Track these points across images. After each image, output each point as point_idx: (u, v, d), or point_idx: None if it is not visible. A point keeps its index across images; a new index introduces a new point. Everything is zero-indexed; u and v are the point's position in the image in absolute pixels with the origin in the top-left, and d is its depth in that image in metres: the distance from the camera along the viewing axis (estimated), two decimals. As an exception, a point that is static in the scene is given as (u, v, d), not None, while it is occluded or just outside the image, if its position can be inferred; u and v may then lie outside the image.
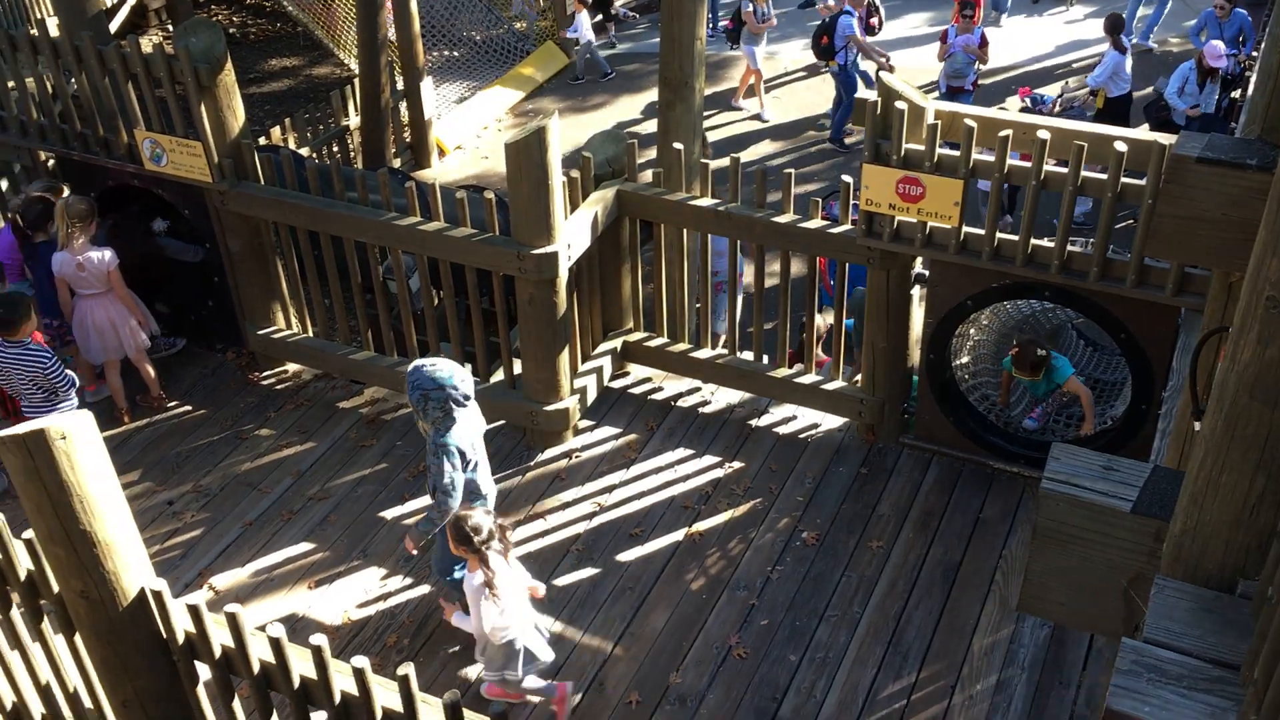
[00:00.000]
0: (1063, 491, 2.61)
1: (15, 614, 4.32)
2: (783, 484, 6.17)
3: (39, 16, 12.55)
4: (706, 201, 6.13)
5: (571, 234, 5.91)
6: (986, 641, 5.30)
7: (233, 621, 3.82)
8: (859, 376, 6.35)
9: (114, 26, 13.44)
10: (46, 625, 4.30)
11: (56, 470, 3.55)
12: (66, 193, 6.68)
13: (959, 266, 5.58)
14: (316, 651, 3.69)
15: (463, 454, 4.85)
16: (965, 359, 6.19)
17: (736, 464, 6.31)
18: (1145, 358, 5.47)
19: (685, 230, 6.32)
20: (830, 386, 6.35)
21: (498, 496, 6.11)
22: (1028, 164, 5.17)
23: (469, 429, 4.92)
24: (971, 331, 6.12)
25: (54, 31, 6.94)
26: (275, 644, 3.74)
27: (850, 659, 5.26)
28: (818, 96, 14.30)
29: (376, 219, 6.09)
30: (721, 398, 6.74)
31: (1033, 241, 5.38)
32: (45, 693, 4.59)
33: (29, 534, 3.86)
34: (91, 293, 6.49)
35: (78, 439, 3.58)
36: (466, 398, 4.83)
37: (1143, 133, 5.46)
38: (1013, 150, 5.14)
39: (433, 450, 4.83)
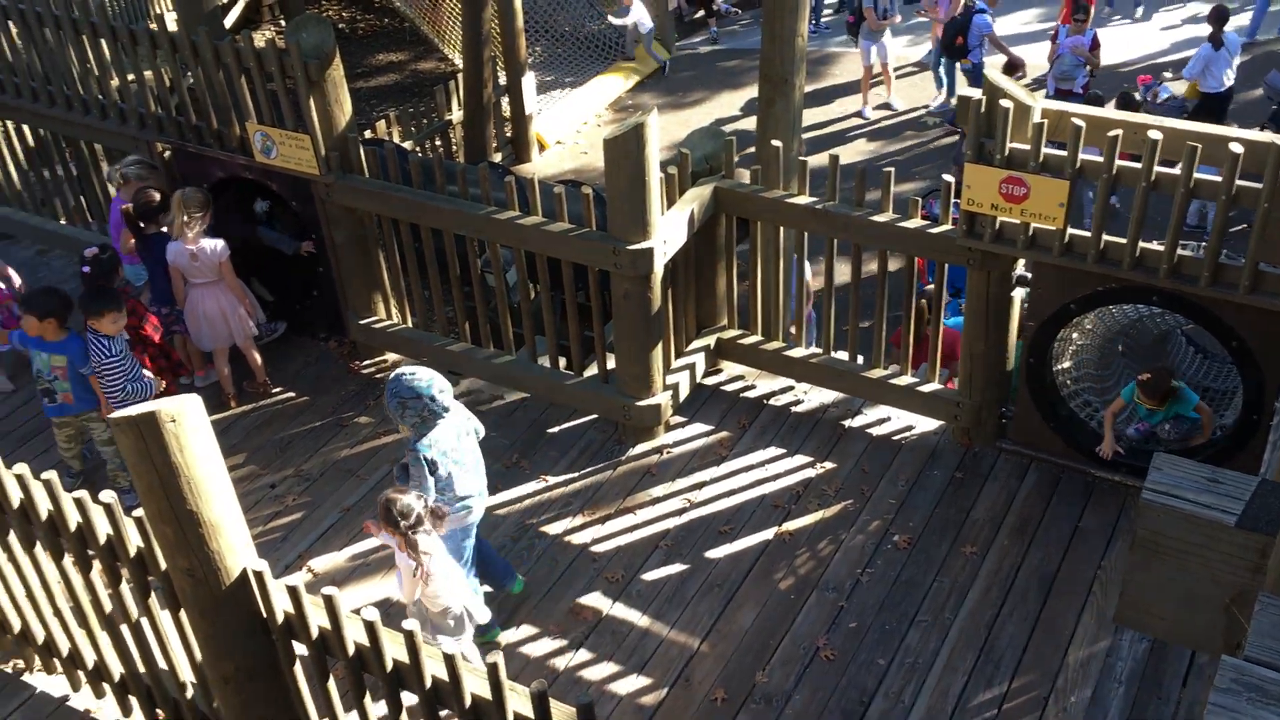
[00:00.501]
0: (1164, 503, 2.54)
1: (125, 589, 4.49)
2: (875, 486, 6.11)
3: (158, 12, 13.02)
4: (804, 199, 6.09)
5: (667, 230, 5.92)
6: (1083, 653, 5.18)
7: (329, 604, 3.92)
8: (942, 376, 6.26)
9: (229, 21, 13.87)
10: (154, 601, 4.47)
11: (166, 452, 3.68)
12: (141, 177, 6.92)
13: (1063, 269, 5.46)
14: (409, 636, 3.77)
15: (434, 462, 4.93)
16: (1067, 364, 6.05)
17: (828, 464, 6.27)
18: (1257, 366, 5.29)
19: (781, 228, 6.29)
20: (926, 389, 6.26)
21: (588, 491, 6.19)
22: (1137, 165, 5.03)
23: (447, 435, 5.00)
24: (1074, 336, 5.97)
25: (172, 26, 7.18)
26: (370, 627, 3.83)
27: (940, 665, 5.19)
28: (922, 94, 14.10)
29: (475, 213, 6.18)
30: (815, 397, 6.69)
31: (1141, 245, 5.23)
32: (151, 666, 4.78)
33: (139, 512, 4.01)
34: (203, 282, 6.69)
35: (187, 422, 3.70)
36: (445, 408, 4.92)
37: (1261, 134, 5.26)
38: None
39: (409, 454, 4.93)
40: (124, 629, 4.69)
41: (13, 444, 6.88)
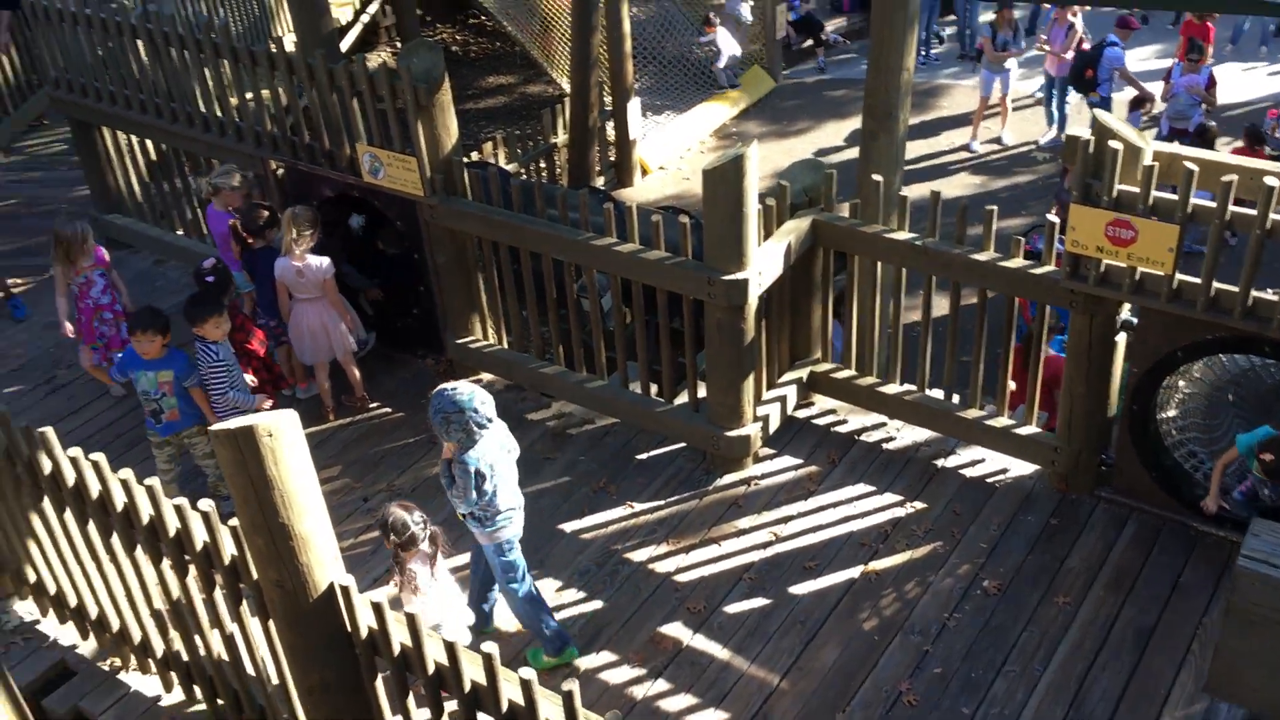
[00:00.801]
0: (1261, 571, 2.44)
1: (218, 595, 4.62)
2: (966, 529, 5.98)
3: (278, 34, 13.44)
4: (903, 235, 6.02)
5: (763, 261, 5.90)
6: (1178, 714, 4.98)
7: (411, 622, 3.97)
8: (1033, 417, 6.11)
9: (346, 44, 14.26)
10: (245, 609, 4.58)
11: (262, 465, 3.77)
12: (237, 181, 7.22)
13: (1170, 315, 5.30)
14: (487, 659, 3.80)
15: (481, 475, 5.01)
16: (1172, 412, 5.86)
17: (918, 504, 6.16)
18: (1376, 425, 5.06)
19: (880, 263, 6.22)
20: (1023, 431, 6.12)
21: (673, 520, 6.18)
22: (1252, 210, 4.87)
23: (491, 448, 5.06)
24: (1180, 384, 5.78)
25: (289, 47, 7.40)
26: (449, 648, 3.88)
27: (1028, 718, 5.05)
28: (1032, 128, 13.86)
29: (574, 238, 6.24)
30: (908, 435, 6.59)
31: (1254, 293, 5.06)
32: (239, 671, 4.90)
33: (234, 522, 4.12)
34: (307, 297, 6.87)
35: (284, 437, 3.79)
36: (489, 420, 4.96)
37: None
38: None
39: (457, 467, 5.01)
40: (215, 634, 4.81)
41: (120, 449, 7.12)
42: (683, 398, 6.65)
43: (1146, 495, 5.87)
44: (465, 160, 7.25)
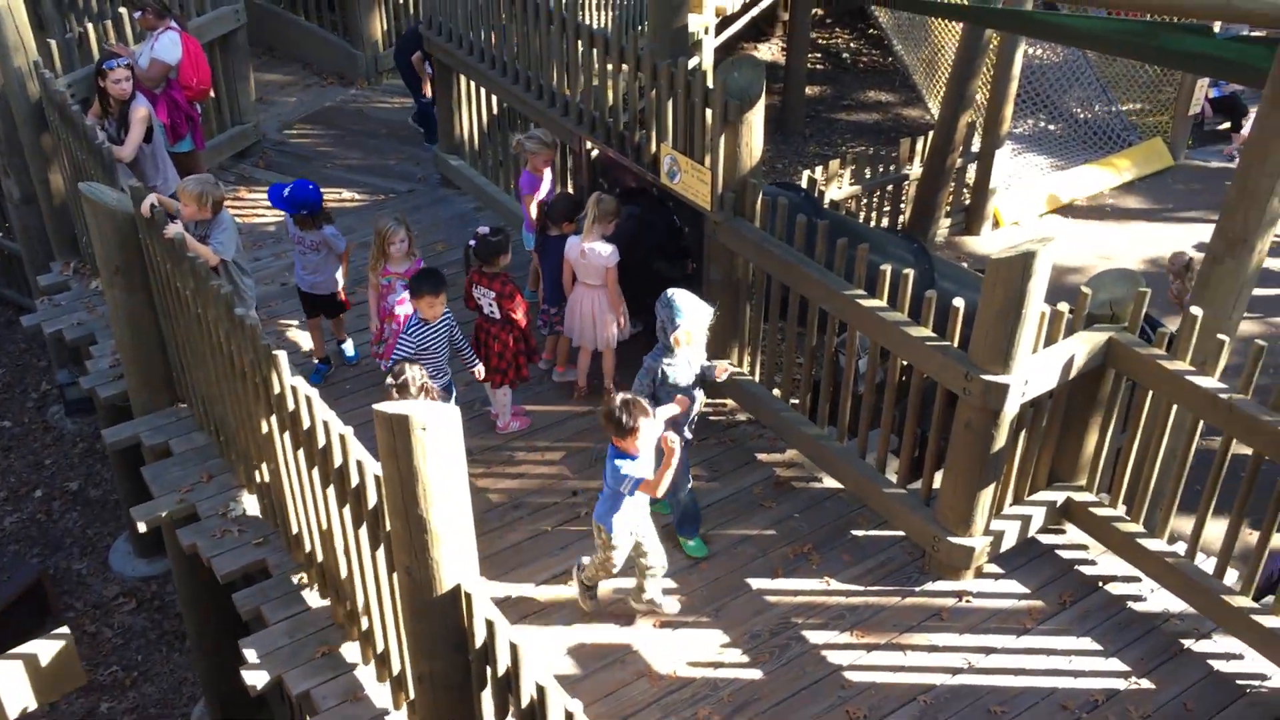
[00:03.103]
0: None
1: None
2: (1192, 729, 5.17)
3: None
4: (1208, 382, 5.22)
5: (1034, 370, 5.31)
6: None
7: (513, 652, 3.88)
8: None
9: (733, 30, 14.26)
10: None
11: (411, 456, 3.78)
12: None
13: None
14: (569, 717, 3.65)
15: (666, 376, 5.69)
16: None
17: (1145, 683, 5.38)
18: None
19: (1175, 405, 5.45)
20: (1297, 640, 5.20)
21: (867, 611, 5.72)
22: None
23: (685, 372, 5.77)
24: None
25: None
26: (540, 691, 3.75)
27: None
28: None
29: (839, 289, 5.88)
30: (1160, 600, 5.77)
31: None
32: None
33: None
34: (589, 284, 6.90)
35: (436, 433, 3.78)
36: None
37: None
38: None
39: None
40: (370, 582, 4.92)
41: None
42: (916, 485, 6.15)
43: None
44: (778, 181, 7.02)
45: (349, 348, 7.64)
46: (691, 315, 5.71)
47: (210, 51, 9.38)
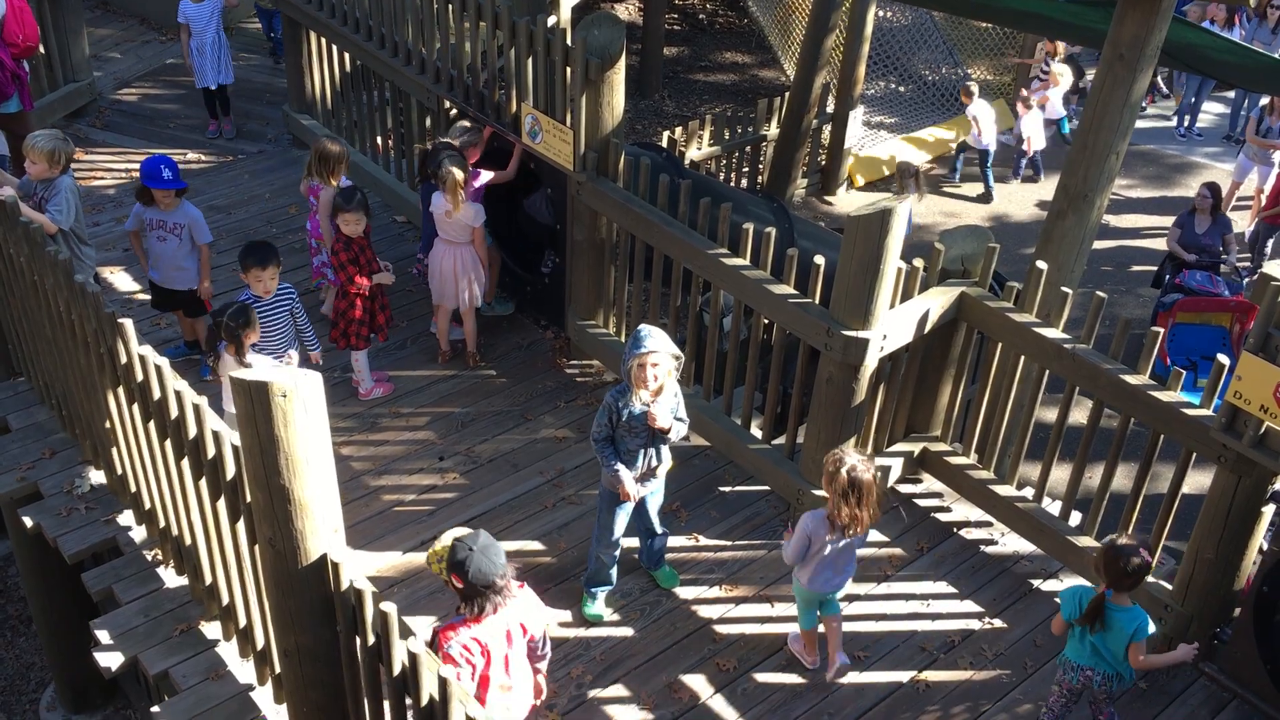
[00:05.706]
0: None
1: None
2: (1041, 664, 5.42)
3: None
4: (1053, 334, 5.45)
5: (891, 325, 5.45)
6: None
7: (383, 621, 3.82)
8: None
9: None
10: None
11: (271, 424, 3.65)
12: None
13: (1328, 503, 4.60)
14: (443, 684, 3.61)
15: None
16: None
17: (998, 622, 5.63)
18: None
19: (1022, 358, 5.67)
20: (1135, 578, 5.48)
21: (734, 565, 5.82)
22: None
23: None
24: (1329, 575, 5.06)
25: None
26: (413, 659, 3.70)
27: None
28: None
29: (704, 250, 5.92)
30: (1011, 543, 6.03)
31: None
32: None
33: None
34: (448, 238, 6.75)
35: (298, 400, 3.66)
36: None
37: None
38: None
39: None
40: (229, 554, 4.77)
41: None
42: (780, 440, 6.26)
43: (1256, 686, 5.18)
44: (639, 142, 6.99)
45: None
46: (648, 347, 5.00)
47: (38, 4, 8.85)
